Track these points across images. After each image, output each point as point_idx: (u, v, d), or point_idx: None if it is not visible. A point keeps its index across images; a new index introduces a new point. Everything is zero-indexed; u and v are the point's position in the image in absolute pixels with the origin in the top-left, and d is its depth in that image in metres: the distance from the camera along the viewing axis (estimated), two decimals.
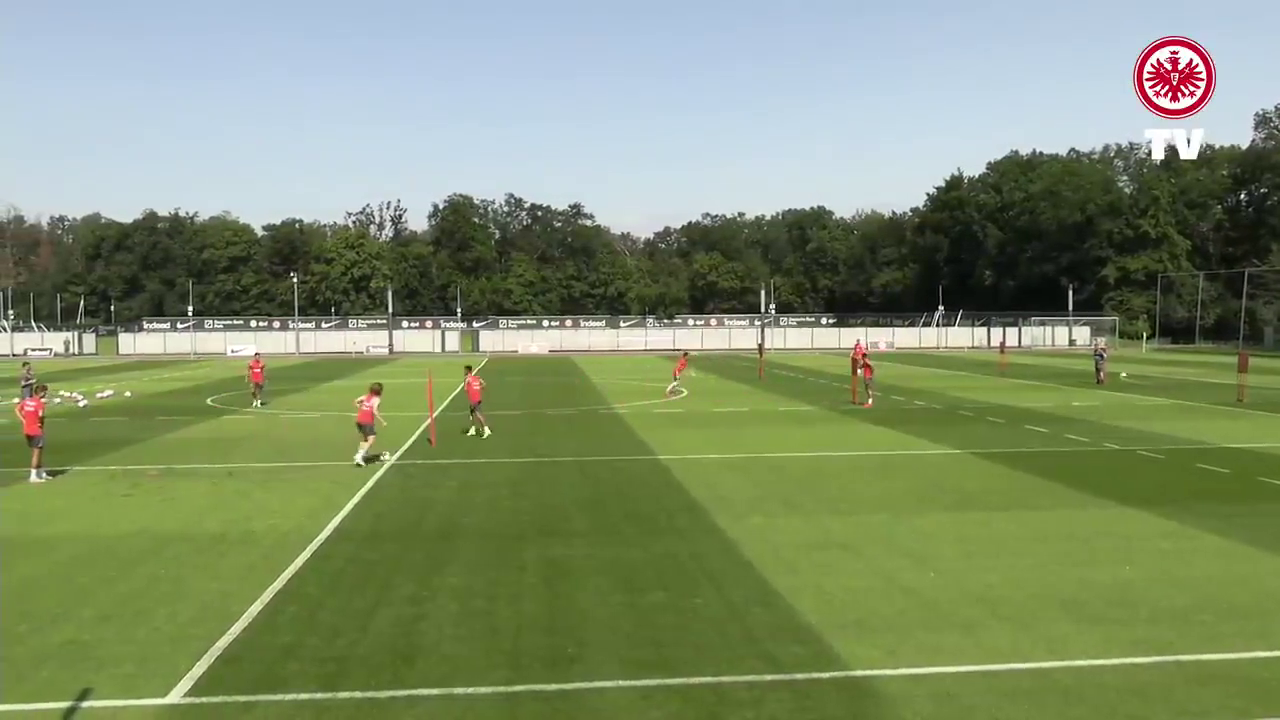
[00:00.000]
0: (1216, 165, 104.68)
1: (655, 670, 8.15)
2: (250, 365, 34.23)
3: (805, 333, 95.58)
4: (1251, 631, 9.03)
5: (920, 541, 12.69)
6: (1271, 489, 16.29)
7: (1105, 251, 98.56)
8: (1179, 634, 8.96)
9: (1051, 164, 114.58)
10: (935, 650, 8.58)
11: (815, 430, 25.14)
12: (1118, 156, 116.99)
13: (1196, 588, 10.48)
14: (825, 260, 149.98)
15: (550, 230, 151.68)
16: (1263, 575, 11.03)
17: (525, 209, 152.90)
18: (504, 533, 13.42)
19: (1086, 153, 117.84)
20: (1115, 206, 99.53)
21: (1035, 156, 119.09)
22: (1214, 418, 27.14)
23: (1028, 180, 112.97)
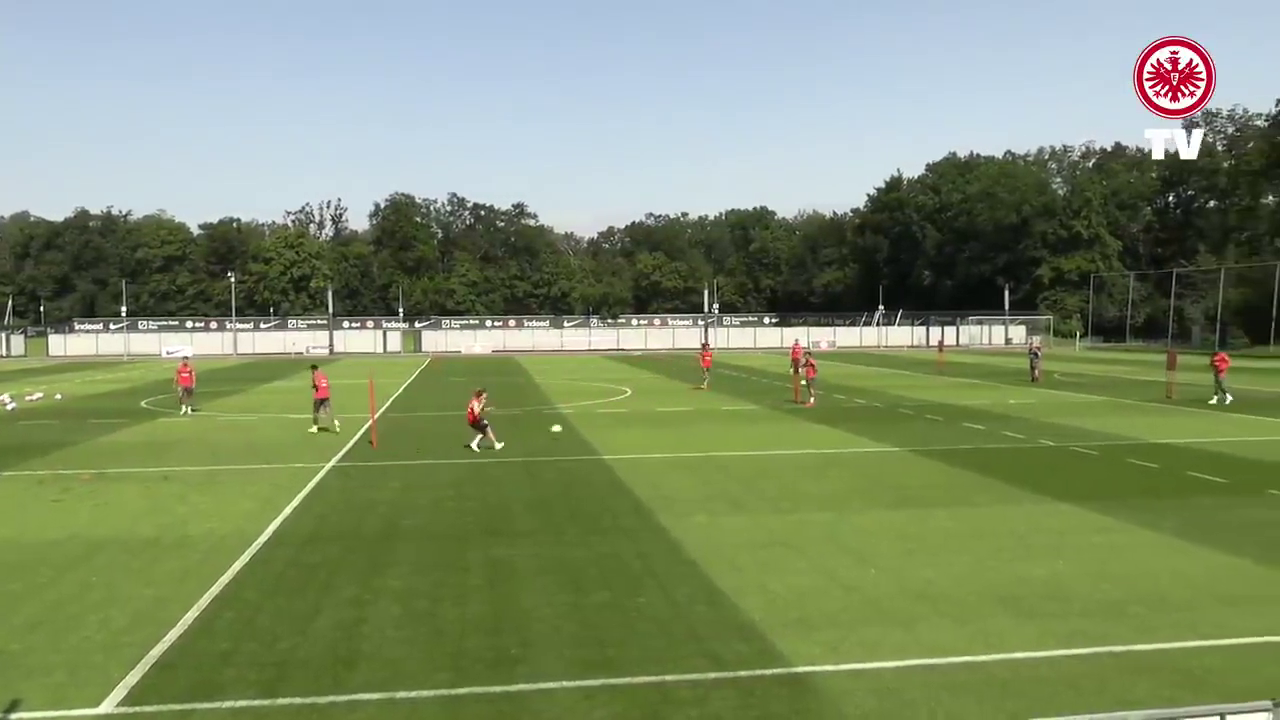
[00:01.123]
0: (1146, 168, 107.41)
1: (599, 670, 8.15)
2: (178, 369, 31.66)
3: (748, 332, 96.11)
4: (1181, 622, 9.27)
5: (862, 539, 12.84)
6: (1199, 483, 16.74)
7: (1040, 252, 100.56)
8: (1112, 626, 9.17)
9: (988, 166, 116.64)
10: (876, 646, 8.68)
11: (758, 429, 25.31)
12: (1052, 159, 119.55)
13: (1128, 581, 10.74)
14: (768, 260, 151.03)
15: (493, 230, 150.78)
16: (1192, 567, 11.33)
17: (468, 208, 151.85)
18: (447, 534, 13.32)
19: (1022, 155, 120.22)
20: (1049, 208, 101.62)
21: (973, 158, 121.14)
22: (1144, 414, 27.83)
23: (965, 182, 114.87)
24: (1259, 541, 12.44)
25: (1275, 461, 18.94)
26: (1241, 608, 9.72)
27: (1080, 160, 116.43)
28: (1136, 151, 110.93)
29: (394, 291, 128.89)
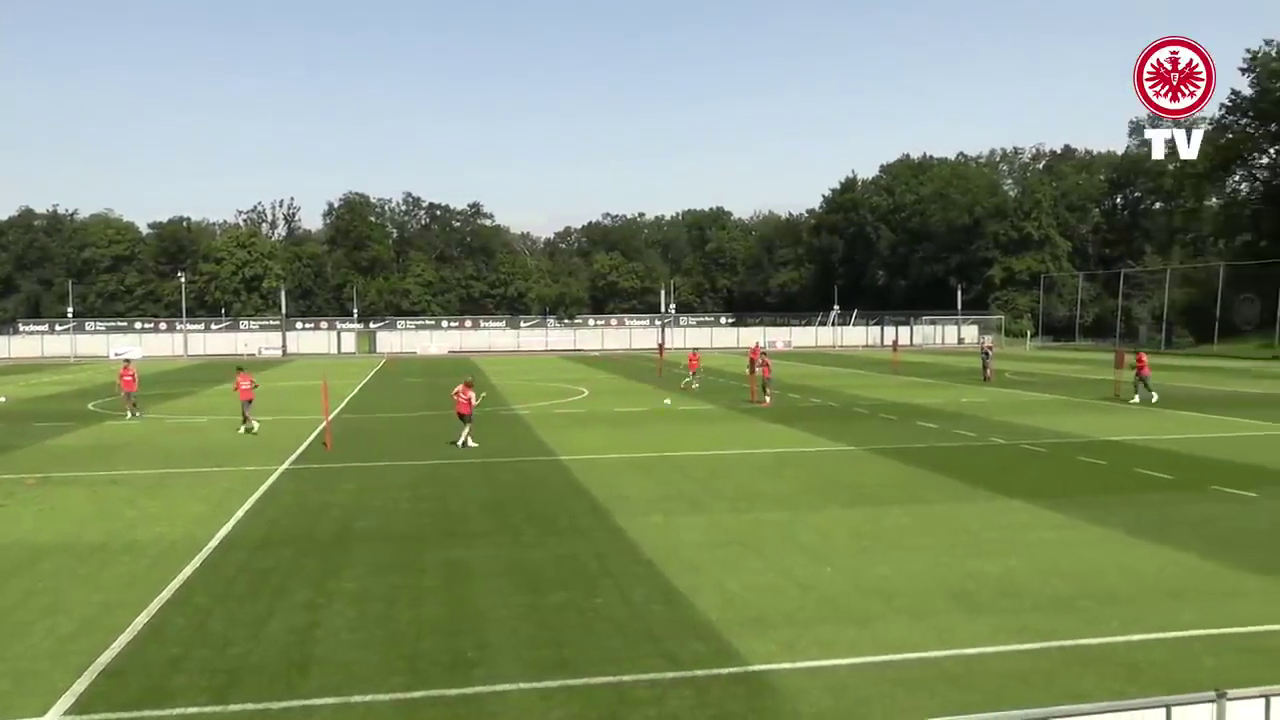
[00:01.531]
0: (1094, 170, 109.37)
1: (556, 671, 8.14)
2: (120, 373, 30.53)
3: (705, 332, 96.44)
4: (1128, 616, 9.45)
5: (817, 537, 12.94)
6: (1146, 479, 17.07)
7: (991, 252, 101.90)
8: (1061, 621, 9.33)
9: (941, 167, 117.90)
10: (831, 643, 8.76)
11: (715, 429, 25.41)
12: (1003, 160, 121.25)
13: (1078, 576, 10.93)
14: (724, 260, 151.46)
15: (449, 230, 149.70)
16: (1138, 562, 11.56)
17: (423, 208, 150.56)
18: (403, 536, 13.23)
19: (974, 156, 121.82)
20: (1001, 209, 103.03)
21: (926, 160, 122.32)
22: (1093, 412, 28.33)
23: (918, 183, 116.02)
24: (1203, 536, 12.71)
25: (1218, 458, 19.37)
26: (1186, 601, 9.93)
27: (1030, 162, 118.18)
28: (1085, 154, 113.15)
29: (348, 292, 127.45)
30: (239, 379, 25.67)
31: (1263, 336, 63.80)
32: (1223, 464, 18.58)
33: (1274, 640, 8.78)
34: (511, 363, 62.21)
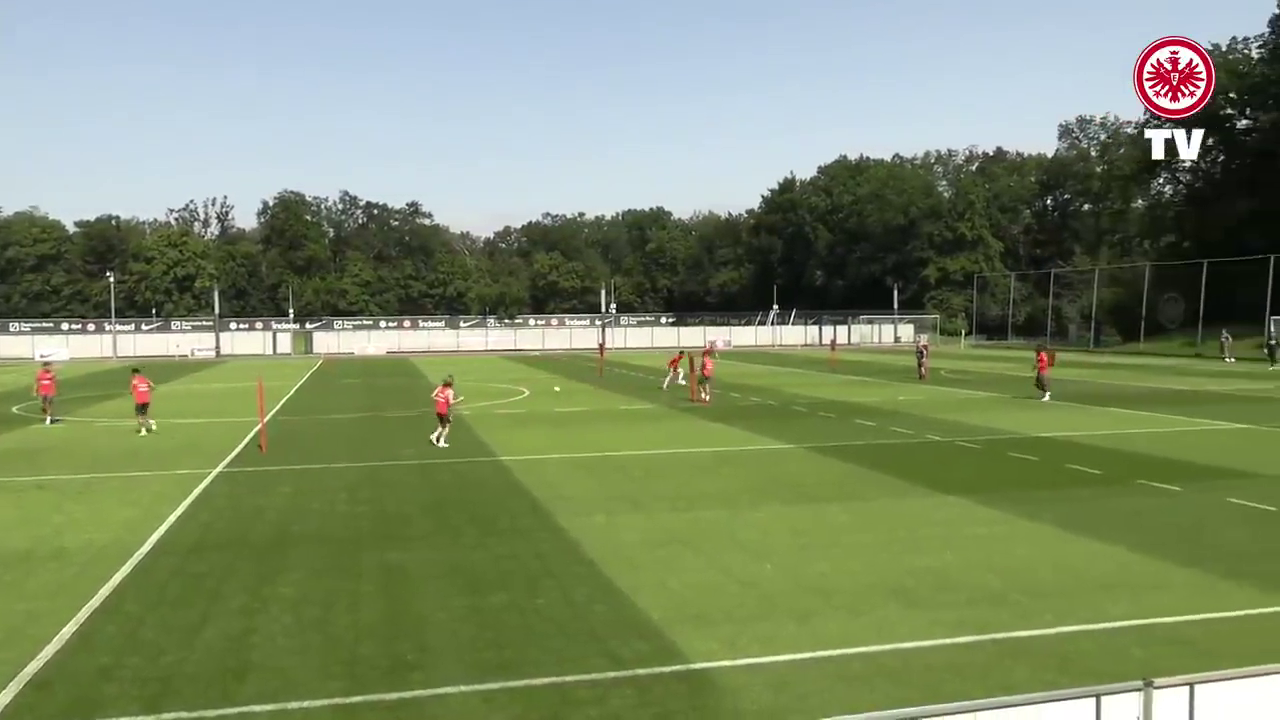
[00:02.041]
0: (1025, 172, 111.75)
1: (498, 673, 8.10)
2: (38, 376, 29.36)
3: (645, 332, 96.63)
4: (1059, 609, 9.67)
5: (757, 535, 13.05)
6: (1076, 475, 17.48)
7: (926, 252, 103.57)
8: (995, 614, 9.51)
9: (877, 168, 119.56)
10: (771, 640, 8.83)
11: (656, 428, 25.47)
12: (937, 162, 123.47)
13: (1011, 570, 11.16)
14: (664, 260, 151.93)
15: (387, 229, 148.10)
16: (1069, 556, 11.83)
17: (360, 207, 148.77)
18: (340, 539, 13.06)
19: (909, 158, 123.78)
20: (935, 210, 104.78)
21: (862, 161, 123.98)
22: (1025, 409, 28.93)
23: (855, 184, 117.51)
24: (1131, 530, 13.05)
25: (1144, 453, 19.89)
26: (1115, 594, 10.19)
27: (964, 164, 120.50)
28: (1016, 156, 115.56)
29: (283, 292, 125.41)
30: (134, 381, 25.67)
31: (1186, 335, 65.65)
32: (1149, 459, 19.09)
33: (1198, 630, 9.04)
34: (451, 363, 61.63)
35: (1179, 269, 69.36)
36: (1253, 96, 70.26)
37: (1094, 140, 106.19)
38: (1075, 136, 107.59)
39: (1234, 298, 61.28)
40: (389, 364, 62.66)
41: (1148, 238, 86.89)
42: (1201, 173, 78.16)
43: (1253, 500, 14.83)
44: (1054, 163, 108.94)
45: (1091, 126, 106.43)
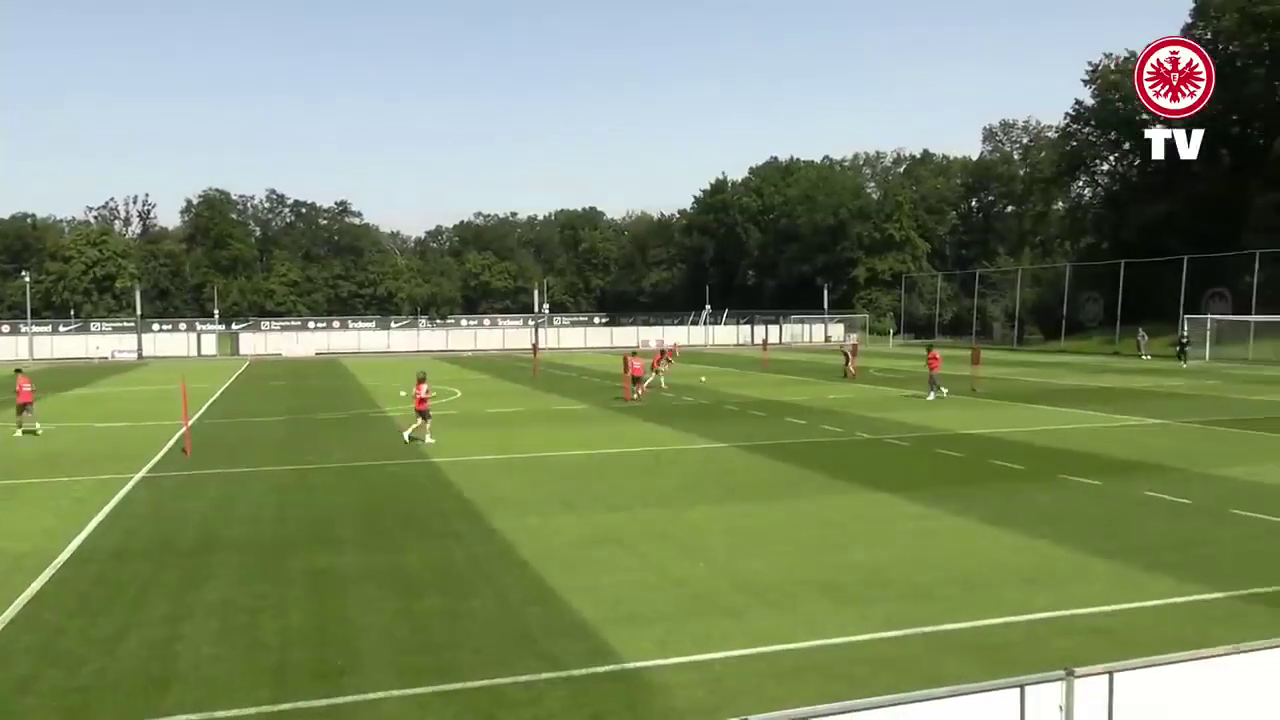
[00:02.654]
0: (951, 174, 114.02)
1: (431, 677, 8.02)
2: None
3: (578, 332, 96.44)
4: (987, 601, 9.89)
5: (691, 534, 13.12)
6: (1001, 470, 17.88)
7: (856, 253, 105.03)
8: (924, 608, 9.69)
9: (807, 170, 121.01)
10: (705, 638, 8.88)
11: (589, 428, 25.46)
12: (866, 164, 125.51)
13: (939, 564, 11.38)
14: (597, 260, 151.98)
15: (315, 228, 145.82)
16: (996, 549, 12.11)
17: (288, 205, 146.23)
18: (268, 544, 12.83)
19: (839, 160, 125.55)
20: (864, 211, 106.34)
21: (793, 162, 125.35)
22: (951, 407, 29.51)
23: (786, 185, 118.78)
24: (1053, 523, 13.40)
25: (1066, 448, 20.42)
26: (1038, 586, 10.45)
27: (892, 166, 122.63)
28: (942, 158, 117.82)
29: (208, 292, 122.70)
30: (19, 381, 25.46)
31: (1105, 333, 67.54)
32: (1070, 454, 19.61)
33: (1118, 620, 9.32)
34: (381, 364, 60.93)
35: (1098, 269, 71.37)
36: None
37: (1016, 144, 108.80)
38: (999, 140, 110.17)
39: (1150, 297, 63.19)
40: (318, 365, 61.65)
41: (1068, 239, 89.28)
42: (1119, 176, 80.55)
43: (1168, 493, 15.32)
44: (978, 165, 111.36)
45: (1014, 130, 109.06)
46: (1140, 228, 69.37)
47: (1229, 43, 65.65)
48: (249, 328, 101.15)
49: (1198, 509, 14.29)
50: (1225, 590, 10.14)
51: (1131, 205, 73.35)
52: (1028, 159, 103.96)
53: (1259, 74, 63.16)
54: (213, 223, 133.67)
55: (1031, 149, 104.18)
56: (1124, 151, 78.79)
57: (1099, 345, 65.54)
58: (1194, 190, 66.81)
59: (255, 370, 55.95)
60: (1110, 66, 76.13)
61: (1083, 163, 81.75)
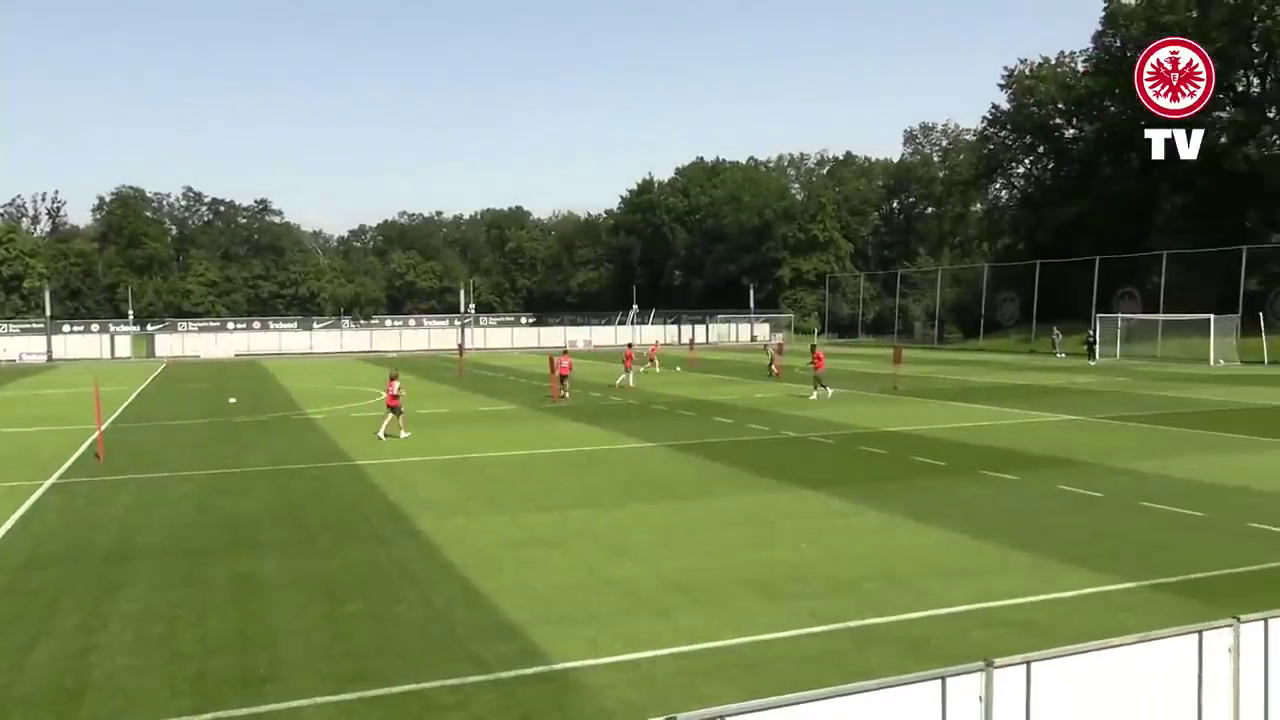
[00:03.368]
0: (872, 175, 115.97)
1: (356, 683, 7.91)
2: None
3: (505, 332, 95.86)
4: (909, 595, 10.08)
5: (620, 533, 13.14)
6: (923, 466, 18.24)
7: (781, 253, 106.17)
8: (848, 603, 9.84)
9: (733, 170, 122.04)
10: (634, 637, 8.90)
11: (517, 429, 25.34)
12: (790, 165, 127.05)
13: (863, 559, 11.57)
14: (524, 260, 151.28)
15: (234, 227, 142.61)
16: (918, 544, 12.35)
17: (205, 204, 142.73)
18: (187, 550, 12.51)
19: (764, 160, 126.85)
20: (789, 212, 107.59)
21: (719, 163, 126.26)
22: (875, 404, 30.02)
23: (712, 185, 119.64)
24: (973, 518, 13.72)
25: (984, 444, 20.92)
26: (958, 579, 10.69)
27: (815, 167, 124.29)
28: (865, 160, 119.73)
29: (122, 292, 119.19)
30: None
31: (1021, 332, 69.32)
32: (988, 450, 20.09)
33: (1035, 611, 9.57)
34: (304, 366, 59.85)
35: (1015, 269, 73.24)
36: (1079, 108, 74.79)
37: (936, 146, 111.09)
38: (919, 142, 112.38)
39: (1064, 297, 65.04)
40: (238, 367, 60.30)
41: (986, 240, 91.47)
42: (1034, 179, 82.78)
43: (1081, 487, 15.78)
44: (899, 167, 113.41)
45: (934, 133, 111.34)
46: (1054, 229, 71.39)
47: (1137, 50, 67.72)
48: (165, 329, 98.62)
49: (1109, 502, 14.75)
50: (1136, 580, 10.48)
51: (1046, 207, 75.48)
52: (947, 161, 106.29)
53: None
54: (126, 221, 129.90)
55: (950, 152, 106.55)
56: (1039, 155, 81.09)
57: (1016, 344, 67.25)
58: (1105, 193, 69.01)
59: (172, 372, 54.53)
60: (1025, 72, 78.20)
61: (999, 165, 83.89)
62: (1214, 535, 12.63)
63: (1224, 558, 11.41)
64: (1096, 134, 72.35)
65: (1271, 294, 55.05)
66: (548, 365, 34.37)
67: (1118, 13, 68.75)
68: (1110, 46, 70.94)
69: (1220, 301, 52.13)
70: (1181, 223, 61.56)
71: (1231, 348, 49.48)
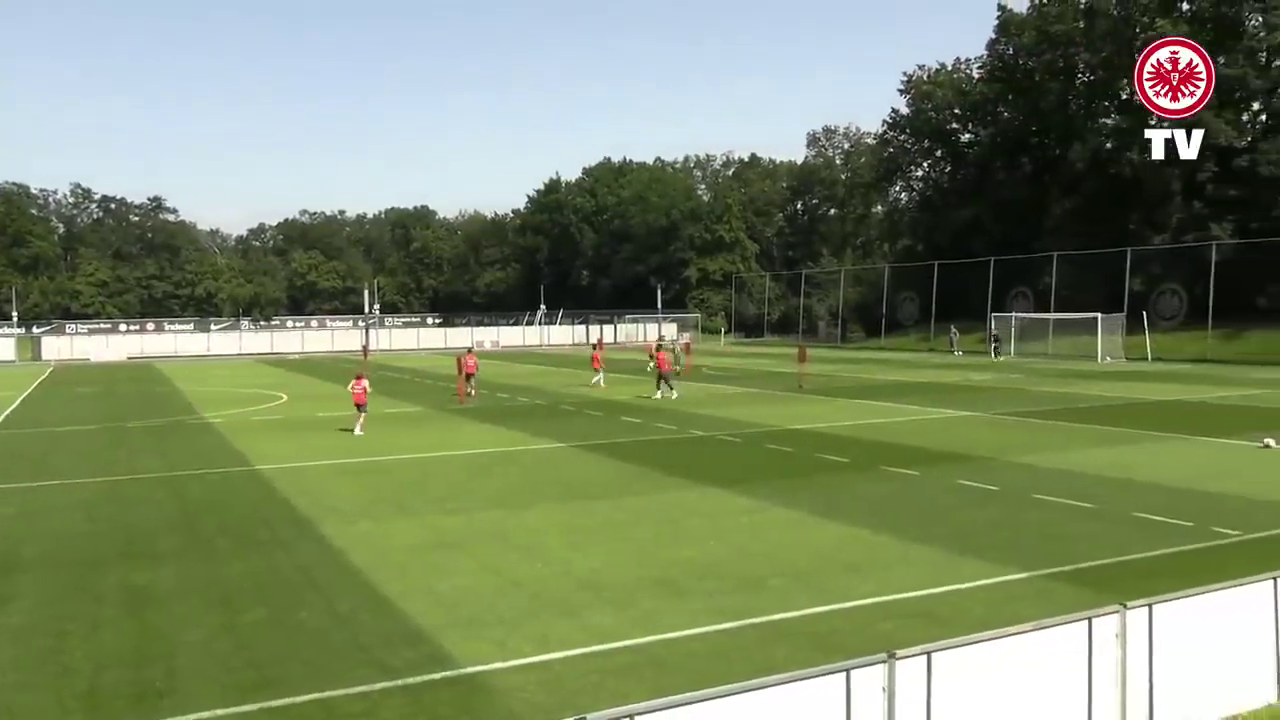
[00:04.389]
0: (778, 177, 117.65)
1: (258, 693, 7.71)
2: None
3: (411, 333, 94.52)
4: (814, 590, 10.25)
5: (529, 534, 13.08)
6: (827, 463, 18.58)
7: (688, 254, 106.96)
8: (755, 600, 9.97)
9: (640, 171, 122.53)
10: (544, 638, 8.87)
11: (423, 431, 25.02)
12: (696, 166, 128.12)
13: (769, 556, 11.73)
14: (429, 260, 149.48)
15: (126, 225, 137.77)
16: (822, 540, 12.58)
17: (95, 201, 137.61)
18: (77, 561, 12.04)
19: (670, 161, 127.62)
20: (695, 212, 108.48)
21: (626, 164, 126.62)
22: (780, 403, 30.47)
23: (619, 185, 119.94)
24: (875, 513, 14.03)
25: (886, 441, 21.40)
26: (862, 573, 10.91)
27: (721, 169, 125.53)
28: (769, 162, 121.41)
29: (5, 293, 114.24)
30: None
31: (921, 331, 71.17)
32: (889, 446, 20.57)
33: (935, 603, 9.83)
34: (201, 368, 58.11)
35: (914, 270, 75.12)
36: (974, 113, 77.08)
37: (838, 149, 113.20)
38: (822, 145, 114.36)
39: (961, 297, 66.93)
40: (131, 370, 58.19)
41: (887, 241, 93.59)
42: (932, 182, 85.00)
43: (978, 481, 16.27)
44: (803, 169, 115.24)
45: (836, 136, 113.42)
46: (952, 231, 73.41)
47: (1028, 58, 70.29)
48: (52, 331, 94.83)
49: (1005, 495, 15.24)
50: (1031, 570, 10.85)
51: (943, 209, 77.56)
52: (849, 164, 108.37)
53: (1054, 88, 67.93)
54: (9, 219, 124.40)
55: (852, 154, 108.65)
56: (936, 158, 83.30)
57: (916, 342, 69.00)
58: (999, 196, 71.25)
59: (60, 376, 52.37)
60: (924, 78, 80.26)
61: (899, 168, 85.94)
62: (1102, 525, 13.15)
63: (1111, 546, 11.89)
64: (991, 139, 74.67)
65: (1154, 294, 57.60)
66: (455, 366, 34.01)
67: (1010, 22, 71.03)
68: (1004, 54, 73.26)
69: (1107, 301, 54.29)
70: (1071, 225, 63.88)
71: (1118, 345, 51.58)
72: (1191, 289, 55.53)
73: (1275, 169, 50.94)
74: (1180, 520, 13.22)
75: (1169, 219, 58.30)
